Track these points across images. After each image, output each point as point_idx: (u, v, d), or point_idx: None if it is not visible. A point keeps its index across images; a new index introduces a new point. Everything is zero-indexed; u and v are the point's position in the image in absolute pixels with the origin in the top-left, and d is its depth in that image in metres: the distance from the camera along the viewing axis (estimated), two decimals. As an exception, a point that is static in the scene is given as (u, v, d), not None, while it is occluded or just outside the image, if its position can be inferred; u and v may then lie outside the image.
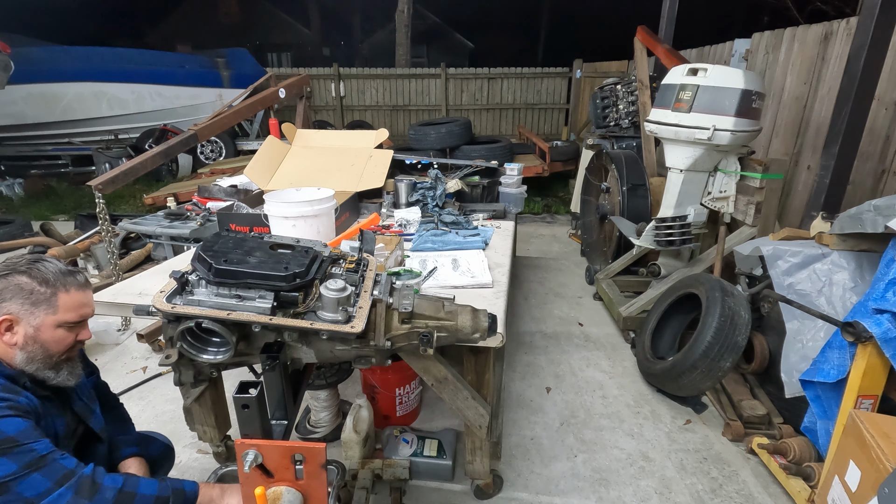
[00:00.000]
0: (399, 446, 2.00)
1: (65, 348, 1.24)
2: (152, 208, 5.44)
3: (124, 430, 1.55)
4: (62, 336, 1.22)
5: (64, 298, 1.21)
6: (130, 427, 1.60)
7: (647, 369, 2.62)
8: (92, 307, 1.29)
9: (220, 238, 1.25)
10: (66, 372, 1.25)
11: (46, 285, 1.19)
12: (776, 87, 4.13)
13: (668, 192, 3.08)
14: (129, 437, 1.52)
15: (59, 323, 1.20)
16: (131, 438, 1.52)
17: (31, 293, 1.17)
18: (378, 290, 1.30)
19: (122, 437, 1.50)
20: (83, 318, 1.26)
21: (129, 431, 1.56)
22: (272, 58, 17.06)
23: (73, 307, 1.22)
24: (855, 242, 2.05)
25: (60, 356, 1.24)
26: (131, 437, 1.53)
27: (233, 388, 1.22)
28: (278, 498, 1.05)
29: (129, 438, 1.51)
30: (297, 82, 5.11)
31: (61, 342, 1.22)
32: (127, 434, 1.54)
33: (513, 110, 10.56)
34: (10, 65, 6.09)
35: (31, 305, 1.17)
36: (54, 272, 1.21)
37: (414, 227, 2.70)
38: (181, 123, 7.95)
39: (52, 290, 1.19)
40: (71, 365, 1.27)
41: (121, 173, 3.12)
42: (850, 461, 1.44)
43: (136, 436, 1.57)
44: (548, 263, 4.56)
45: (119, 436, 1.50)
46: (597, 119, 5.17)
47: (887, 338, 1.55)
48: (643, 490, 1.99)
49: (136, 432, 1.59)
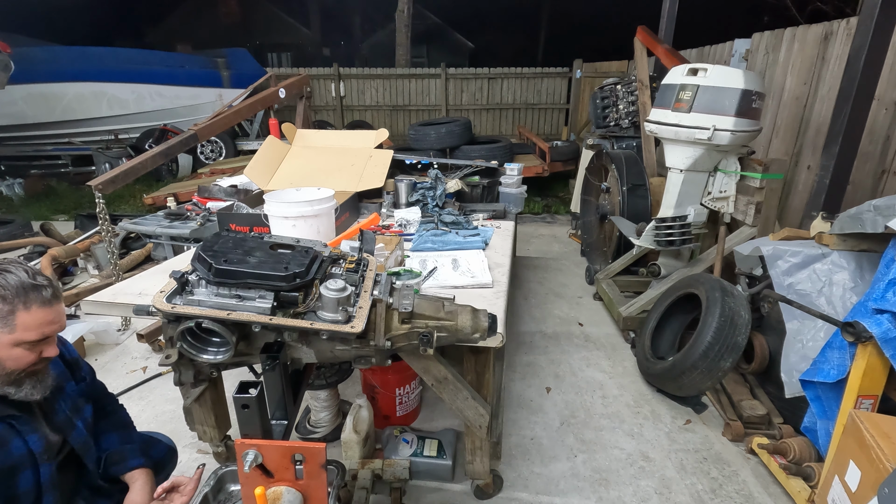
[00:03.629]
0: (399, 446, 2.00)
1: (25, 366, 1.13)
2: (152, 208, 5.44)
3: (126, 436, 1.47)
4: (20, 355, 1.11)
5: (23, 318, 1.09)
6: (132, 432, 1.52)
7: (647, 369, 2.62)
8: (60, 324, 1.17)
9: (220, 238, 1.25)
10: (29, 386, 1.15)
11: (3, 301, 1.07)
12: (776, 87, 4.13)
13: (668, 192, 3.08)
14: (133, 445, 1.44)
15: (17, 342, 1.09)
16: (136, 447, 1.44)
17: None
18: (378, 290, 1.30)
19: (127, 447, 1.42)
20: (46, 337, 1.15)
21: (131, 437, 1.48)
22: (272, 58, 17.05)
23: (34, 326, 1.10)
24: (855, 242, 2.05)
25: (21, 372, 1.13)
26: (135, 444, 1.45)
27: (233, 388, 1.22)
28: (278, 498, 1.05)
29: (133, 448, 1.43)
30: (297, 82, 5.11)
31: (20, 360, 1.11)
32: (130, 440, 1.46)
33: (513, 110, 10.56)
34: (10, 65, 6.09)
35: None
36: (15, 286, 1.09)
37: (414, 227, 2.70)
38: (181, 123, 7.95)
39: (9, 308, 1.07)
40: (36, 378, 1.16)
41: (121, 173, 3.13)
42: (850, 461, 1.44)
43: (140, 439, 1.51)
44: (548, 263, 4.56)
45: (123, 444, 1.42)
46: (597, 119, 5.17)
47: (887, 338, 1.55)
48: (643, 490, 1.99)
49: (139, 435, 1.53)
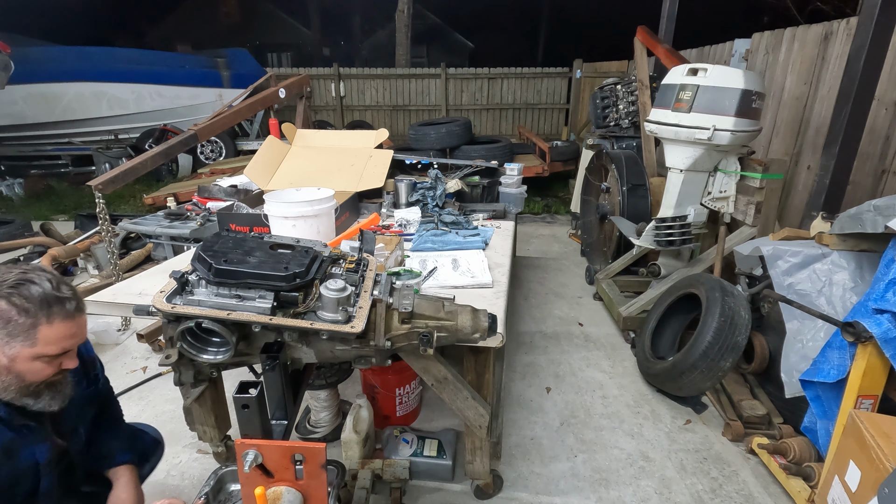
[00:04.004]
0: (399, 446, 2.00)
1: (45, 378, 1.12)
2: (152, 208, 5.43)
3: (115, 431, 1.47)
4: (40, 368, 1.10)
5: (45, 332, 1.07)
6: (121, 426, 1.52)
7: (647, 369, 2.62)
8: (81, 337, 1.16)
9: (220, 238, 1.25)
10: (48, 397, 1.15)
11: (26, 315, 1.05)
12: (776, 87, 4.13)
13: (668, 192, 3.08)
14: (121, 441, 1.45)
15: (38, 356, 1.08)
16: (124, 444, 1.45)
17: (8, 322, 1.04)
18: (378, 290, 1.30)
19: (115, 444, 1.43)
20: (66, 351, 1.13)
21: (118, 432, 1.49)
22: (272, 58, 17.05)
23: (55, 340, 1.09)
24: (855, 242, 2.05)
25: (41, 384, 1.13)
26: (123, 439, 1.46)
27: (233, 388, 1.22)
28: (278, 498, 1.05)
29: (121, 445, 1.44)
30: (297, 82, 5.11)
31: (39, 373, 1.11)
32: (117, 435, 1.46)
33: (513, 110, 10.56)
34: (10, 65, 6.10)
35: (6, 336, 1.05)
36: (39, 299, 1.07)
37: (414, 227, 2.69)
38: (181, 123, 7.95)
39: (32, 321, 1.06)
40: (54, 389, 1.16)
41: (121, 173, 3.12)
42: (850, 461, 1.44)
43: (129, 431, 1.51)
44: (548, 263, 4.56)
45: (112, 440, 1.43)
46: (597, 119, 5.17)
47: (887, 338, 1.55)
48: (643, 490, 1.99)
49: (127, 428, 1.53)
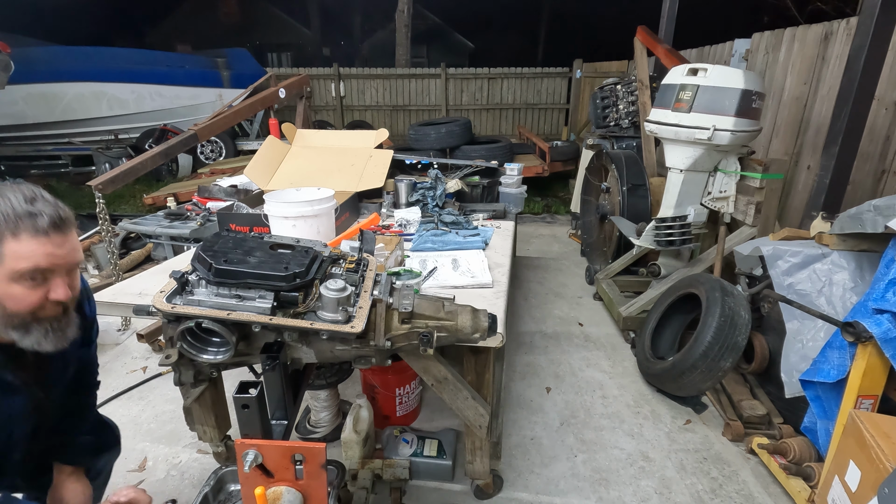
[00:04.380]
0: (399, 446, 2.00)
1: (29, 307, 0.99)
2: (152, 208, 5.43)
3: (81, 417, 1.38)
4: (22, 293, 0.97)
5: (12, 246, 0.94)
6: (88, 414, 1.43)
7: (647, 369, 2.62)
8: (61, 257, 1.01)
9: (220, 238, 1.25)
10: (38, 334, 1.01)
11: None
12: (776, 87, 4.13)
13: (668, 192, 3.08)
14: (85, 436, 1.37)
15: (12, 276, 0.95)
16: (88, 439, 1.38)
17: None
18: (378, 290, 1.30)
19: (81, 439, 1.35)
20: (41, 269, 0.98)
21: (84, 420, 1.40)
22: (272, 58, 17.06)
23: (26, 255, 0.95)
24: (855, 242, 2.05)
25: (27, 316, 1.00)
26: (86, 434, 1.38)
27: (233, 388, 1.22)
28: (278, 498, 1.05)
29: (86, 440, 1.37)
30: (297, 82, 5.11)
31: (21, 301, 0.97)
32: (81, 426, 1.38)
33: (513, 110, 10.56)
34: (10, 65, 6.10)
35: None
36: (5, 213, 0.94)
37: (414, 227, 2.70)
38: (181, 123, 7.95)
39: None
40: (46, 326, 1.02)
41: (121, 173, 3.12)
42: (850, 461, 1.44)
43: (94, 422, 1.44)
44: (548, 263, 4.56)
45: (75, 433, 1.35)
46: (597, 119, 5.17)
47: (887, 338, 1.55)
48: (643, 490, 1.99)
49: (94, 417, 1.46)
